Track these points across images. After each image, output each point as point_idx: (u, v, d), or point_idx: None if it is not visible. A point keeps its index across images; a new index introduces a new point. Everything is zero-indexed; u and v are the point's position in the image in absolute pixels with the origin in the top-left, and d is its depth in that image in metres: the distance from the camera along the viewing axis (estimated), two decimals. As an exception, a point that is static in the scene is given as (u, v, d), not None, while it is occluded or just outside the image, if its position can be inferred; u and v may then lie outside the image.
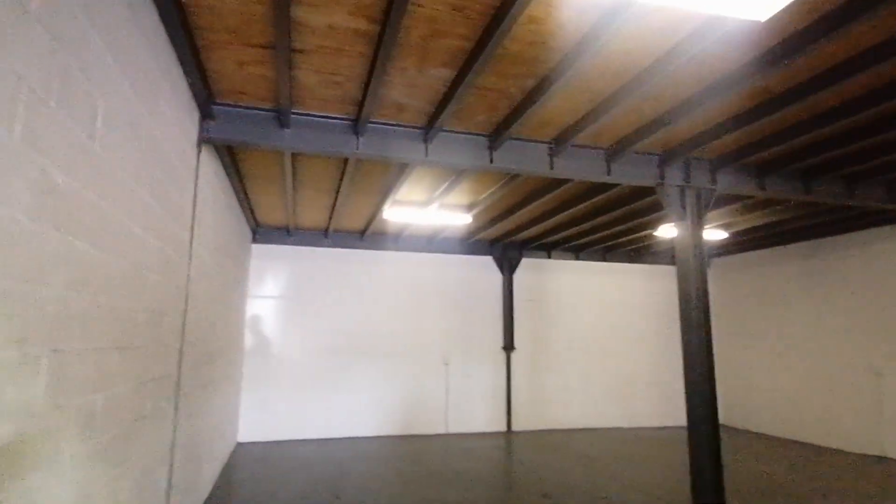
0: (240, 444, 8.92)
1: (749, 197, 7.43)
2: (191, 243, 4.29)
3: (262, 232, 9.72)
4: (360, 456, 8.21)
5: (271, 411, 9.35)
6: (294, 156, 5.87)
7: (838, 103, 4.82)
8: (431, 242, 10.62)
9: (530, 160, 5.65)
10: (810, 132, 5.20)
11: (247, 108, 4.67)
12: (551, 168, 5.71)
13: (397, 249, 10.50)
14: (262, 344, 9.54)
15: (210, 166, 5.00)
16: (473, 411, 10.49)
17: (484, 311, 10.91)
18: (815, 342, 9.79)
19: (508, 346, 10.81)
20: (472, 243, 10.85)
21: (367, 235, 10.12)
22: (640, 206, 8.00)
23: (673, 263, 12.27)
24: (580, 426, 11.09)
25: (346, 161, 5.91)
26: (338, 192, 7.11)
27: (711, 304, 11.10)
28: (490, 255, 11.05)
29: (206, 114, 4.43)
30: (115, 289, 2.70)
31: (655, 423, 11.58)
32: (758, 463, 7.95)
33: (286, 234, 9.81)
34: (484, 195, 7.42)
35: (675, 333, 11.96)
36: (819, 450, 9.09)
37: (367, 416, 9.87)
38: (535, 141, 5.65)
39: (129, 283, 2.90)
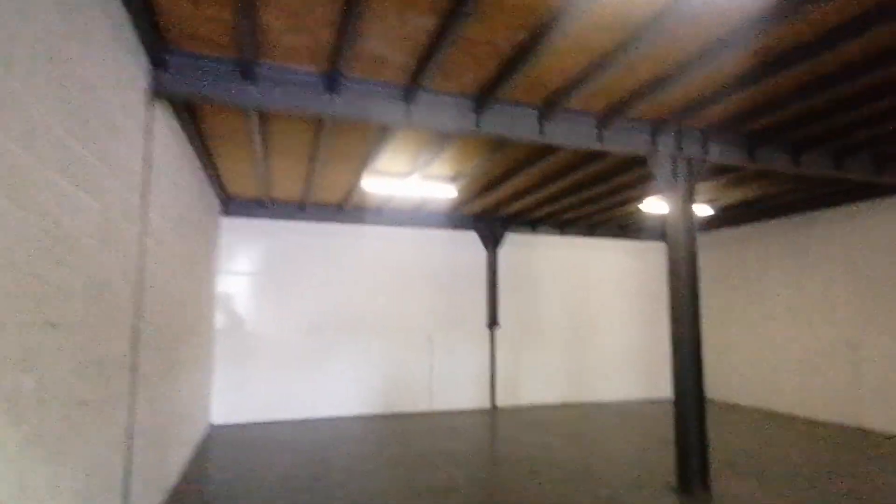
0: (214, 427, 8.57)
1: (735, 170, 7.21)
2: (143, 209, 3.86)
3: (233, 204, 9.21)
4: (342, 436, 7.94)
5: (247, 392, 9.00)
6: (263, 116, 5.41)
7: (835, 69, 4.58)
8: (415, 216, 10.24)
9: (519, 125, 5.30)
10: (803, 101, 4.98)
11: (205, 57, 4.20)
12: (541, 134, 5.37)
13: (379, 224, 10.10)
14: (236, 322, 9.13)
15: (166, 125, 4.53)
16: (458, 389, 10.29)
17: (468, 288, 10.63)
18: (794, 316, 9.76)
19: (493, 323, 10.58)
20: (456, 218, 10.51)
21: (347, 209, 9.70)
22: (628, 179, 7.73)
23: (659, 239, 12.11)
24: (565, 401, 10.98)
25: (320, 123, 5.48)
26: (313, 159, 6.67)
27: (696, 280, 10.99)
28: (474, 230, 10.73)
29: (157, 62, 3.95)
30: (40, 254, 2.30)
31: (639, 396, 11.56)
32: (736, 434, 7.89)
33: (260, 206, 9.33)
34: (469, 165, 7.06)
35: (658, 308, 11.88)
36: (797, 421, 9.11)
37: (349, 395, 9.59)
38: (525, 105, 5.30)
39: (59, 249, 2.50)
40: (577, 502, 5.12)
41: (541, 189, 8.10)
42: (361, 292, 9.92)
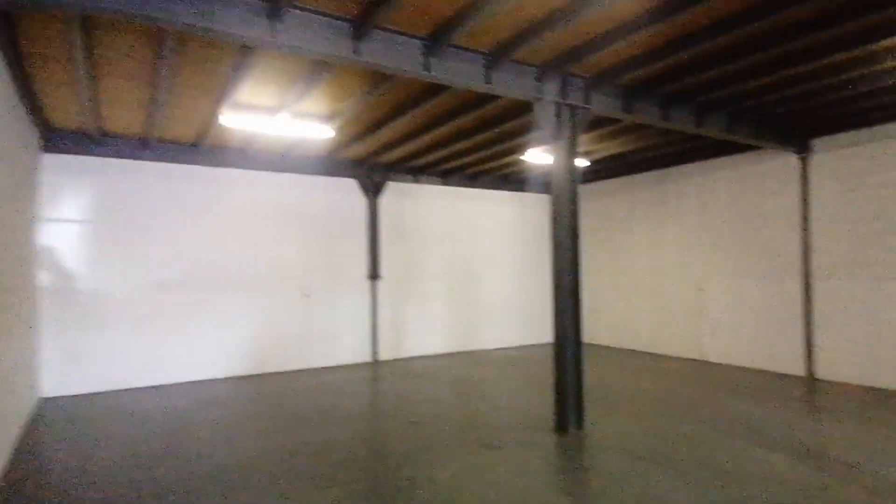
0: (46, 400, 7.30)
1: (609, 123, 7.44)
2: None
3: (57, 138, 7.57)
4: (206, 401, 7.20)
5: (86, 359, 7.75)
6: (86, 24, 4.30)
7: (707, 22, 4.69)
8: (286, 160, 9.32)
9: (403, 57, 4.81)
10: (674, 54, 5.10)
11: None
12: (426, 69, 4.94)
13: (245, 167, 9.04)
14: (67, 279, 7.72)
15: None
16: (337, 343, 9.88)
17: (348, 239, 10.09)
18: (653, 263, 10.71)
19: (374, 275, 10.21)
20: (333, 164, 9.76)
21: (204, 148, 8.49)
22: (511, 127, 7.64)
23: (539, 191, 12.42)
24: (450, 351, 11.11)
25: (161, 37, 4.49)
26: (155, 84, 5.58)
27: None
28: (354, 177, 10.09)
29: None
30: None
31: (523, 342, 12.07)
32: (606, 374, 8.54)
33: (91, 141, 7.77)
34: (347, 103, 6.41)
35: (539, 257, 12.26)
36: (654, 357, 10.16)
37: (214, 357, 8.72)
38: (409, 35, 4.82)
39: None
40: (459, 450, 5.10)
41: (424, 134, 7.72)
42: (227, 243, 8.93)
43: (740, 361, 9.07)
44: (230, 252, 8.93)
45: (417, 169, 10.59)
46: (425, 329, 10.88)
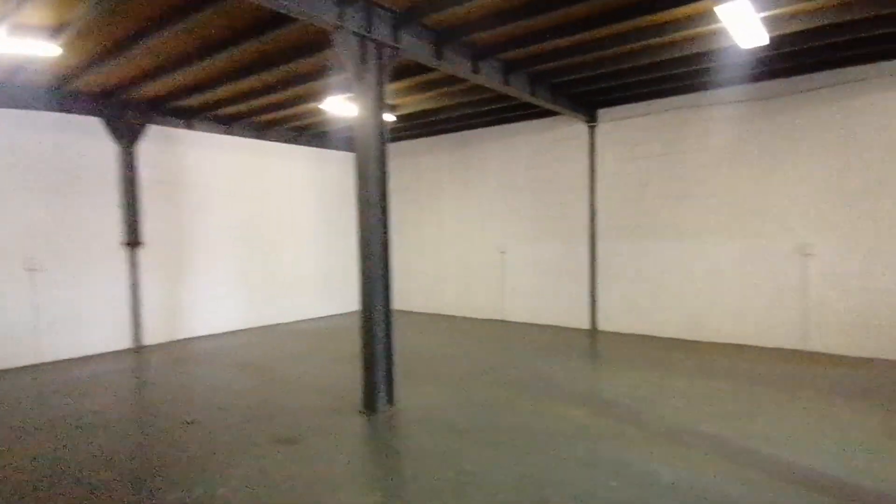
0: None
1: (417, 73, 6.91)
2: None
3: None
4: None
5: None
6: None
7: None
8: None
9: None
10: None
11: None
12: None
13: None
14: None
15: None
16: (82, 329, 7.72)
17: (93, 195, 7.84)
18: (459, 227, 10.76)
19: (133, 241, 8.19)
20: (68, 96, 7.38)
21: None
22: (306, 66, 6.58)
23: (342, 148, 11.43)
24: (242, 328, 9.68)
25: None
26: None
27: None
28: (98, 115, 7.82)
29: None
30: None
31: (330, 311, 11.18)
32: (414, 341, 8.25)
33: None
34: (77, 11, 4.62)
35: (343, 219, 11.34)
36: (459, 320, 10.28)
37: None
38: None
39: None
40: (247, 451, 4.13)
41: (192, 64, 6.15)
42: None
43: (536, 319, 9.64)
44: None
45: (190, 111, 8.71)
46: (208, 303, 9.26)
